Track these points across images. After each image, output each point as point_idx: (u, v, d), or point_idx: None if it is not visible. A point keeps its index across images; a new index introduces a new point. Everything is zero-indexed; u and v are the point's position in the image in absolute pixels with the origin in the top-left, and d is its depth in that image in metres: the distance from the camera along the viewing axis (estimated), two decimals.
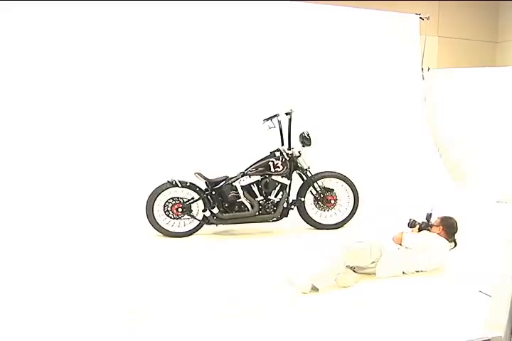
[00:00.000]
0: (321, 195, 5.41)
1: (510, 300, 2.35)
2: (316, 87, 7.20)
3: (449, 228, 3.96)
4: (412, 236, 3.89)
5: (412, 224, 4.03)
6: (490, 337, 2.61)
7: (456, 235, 3.97)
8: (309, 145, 5.30)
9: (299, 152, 5.32)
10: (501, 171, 7.28)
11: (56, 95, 6.14)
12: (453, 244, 3.95)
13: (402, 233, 3.89)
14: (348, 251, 3.64)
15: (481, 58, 8.97)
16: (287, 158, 5.25)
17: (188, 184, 5.08)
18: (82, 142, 6.18)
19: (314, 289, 3.45)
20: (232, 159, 5.88)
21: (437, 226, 3.98)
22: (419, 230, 3.98)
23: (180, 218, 5.10)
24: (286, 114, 5.33)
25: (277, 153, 5.27)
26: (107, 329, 2.87)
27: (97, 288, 3.55)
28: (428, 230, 3.98)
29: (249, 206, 5.17)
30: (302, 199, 5.36)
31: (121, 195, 5.84)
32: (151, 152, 6.33)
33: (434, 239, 3.88)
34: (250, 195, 5.20)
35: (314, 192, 5.41)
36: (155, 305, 3.23)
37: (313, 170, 5.41)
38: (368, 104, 7.52)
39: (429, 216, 4.03)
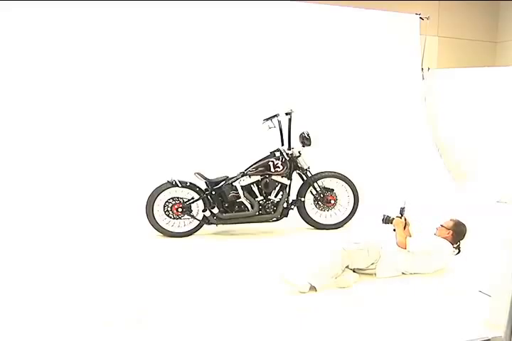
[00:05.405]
0: (321, 195, 5.40)
1: (510, 300, 2.35)
2: (316, 87, 7.21)
3: (458, 234, 3.88)
4: (417, 241, 3.79)
5: (386, 220, 3.95)
6: (490, 337, 2.61)
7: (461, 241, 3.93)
8: (309, 145, 5.30)
9: (299, 152, 5.32)
10: (501, 171, 7.28)
11: (56, 95, 6.15)
12: (457, 250, 3.89)
13: (406, 238, 3.79)
14: (345, 252, 3.63)
15: (481, 58, 8.97)
16: (287, 158, 5.25)
17: (188, 184, 5.08)
18: (82, 142, 6.19)
19: (313, 289, 3.45)
20: (232, 159, 5.88)
21: (448, 229, 3.88)
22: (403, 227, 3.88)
23: (180, 218, 5.09)
24: (286, 114, 5.32)
25: (277, 153, 5.27)
26: (107, 330, 2.87)
27: (97, 288, 3.54)
28: (436, 229, 3.94)
29: (249, 206, 5.17)
30: (302, 199, 5.36)
31: (121, 195, 5.84)
32: (151, 152, 6.34)
33: (439, 244, 3.81)
34: (250, 194, 5.20)
35: (314, 192, 5.41)
36: (155, 305, 3.23)
37: (313, 170, 5.41)
38: (368, 104, 7.53)
39: (402, 210, 3.94)
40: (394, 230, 3.90)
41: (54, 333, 2.84)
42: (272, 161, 5.18)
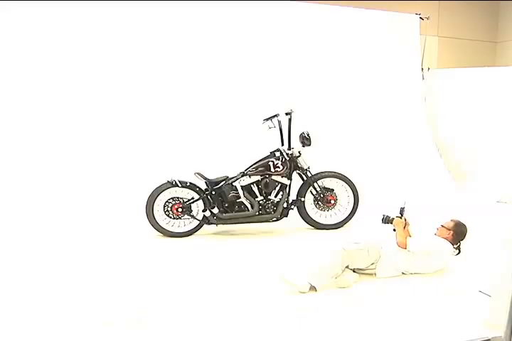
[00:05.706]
0: (321, 195, 5.40)
1: (510, 300, 2.35)
2: (316, 87, 7.21)
3: (458, 235, 3.89)
4: (417, 241, 3.79)
5: (386, 220, 3.96)
6: (490, 337, 2.61)
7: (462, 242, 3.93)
8: (309, 145, 5.30)
9: (299, 152, 5.32)
10: (501, 171, 7.29)
11: (56, 95, 6.15)
12: (457, 251, 3.89)
13: (406, 238, 3.79)
14: (345, 252, 3.63)
15: (481, 58, 8.97)
16: (287, 158, 5.25)
17: (188, 184, 5.08)
18: (82, 143, 6.19)
19: (313, 289, 3.45)
20: (232, 159, 5.88)
21: (449, 229, 3.89)
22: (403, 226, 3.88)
23: (180, 218, 5.09)
24: (286, 114, 5.32)
25: (277, 153, 5.27)
26: (107, 330, 2.87)
27: (97, 288, 3.54)
28: (437, 229, 3.95)
29: (249, 206, 5.17)
30: (302, 199, 5.36)
31: (121, 195, 5.84)
32: (151, 152, 6.34)
33: (439, 245, 3.81)
34: (250, 194, 5.20)
35: (314, 192, 5.41)
36: (155, 305, 3.23)
37: (313, 170, 5.41)
38: (368, 104, 7.53)
39: (402, 210, 3.94)
40: (394, 230, 3.91)
41: (54, 333, 2.84)
42: (272, 161, 5.18)
